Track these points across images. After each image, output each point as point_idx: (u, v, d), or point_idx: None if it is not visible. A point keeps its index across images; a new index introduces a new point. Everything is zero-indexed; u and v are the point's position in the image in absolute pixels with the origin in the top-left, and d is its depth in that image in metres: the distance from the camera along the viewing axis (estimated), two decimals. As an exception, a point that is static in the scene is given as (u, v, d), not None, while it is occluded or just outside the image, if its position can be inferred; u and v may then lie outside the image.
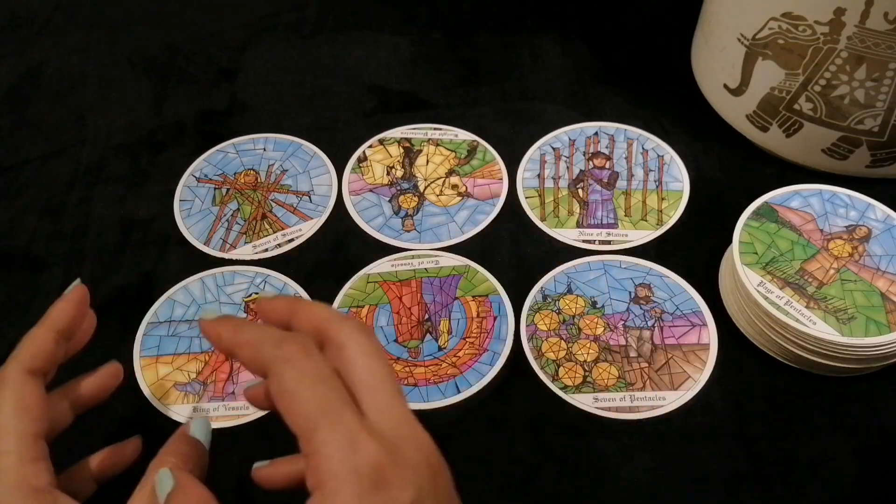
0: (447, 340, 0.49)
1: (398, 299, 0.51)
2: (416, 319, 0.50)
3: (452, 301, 0.50)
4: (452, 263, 0.52)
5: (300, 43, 0.72)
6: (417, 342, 0.49)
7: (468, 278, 0.51)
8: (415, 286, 0.51)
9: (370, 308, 0.50)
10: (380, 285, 0.51)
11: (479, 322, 0.49)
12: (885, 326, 0.44)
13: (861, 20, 0.47)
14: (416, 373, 0.48)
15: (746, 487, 0.43)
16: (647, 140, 0.61)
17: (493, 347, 0.48)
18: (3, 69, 0.71)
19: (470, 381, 0.47)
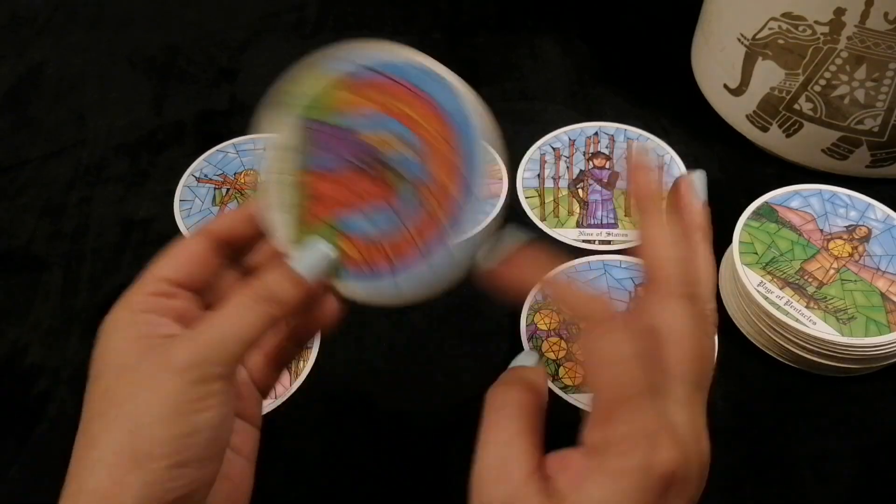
0: (404, 143, 0.34)
1: (337, 208, 0.34)
2: (368, 179, 0.34)
3: (340, 130, 0.34)
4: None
5: (300, 43, 0.72)
6: (401, 180, 0.33)
7: (308, 107, 0.35)
8: (326, 180, 0.34)
9: (345, 243, 0.34)
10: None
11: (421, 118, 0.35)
12: (885, 326, 0.44)
13: (861, 20, 0.47)
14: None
15: (746, 487, 0.43)
16: (647, 140, 0.61)
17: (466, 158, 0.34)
18: (3, 69, 0.71)
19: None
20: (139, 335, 0.31)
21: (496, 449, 0.29)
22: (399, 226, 0.33)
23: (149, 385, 0.29)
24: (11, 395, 0.49)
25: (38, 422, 0.47)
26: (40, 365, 0.50)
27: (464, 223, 0.32)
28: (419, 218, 0.33)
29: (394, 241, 0.33)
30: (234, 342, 0.30)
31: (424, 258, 0.33)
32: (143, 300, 0.32)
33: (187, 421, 0.29)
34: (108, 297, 0.53)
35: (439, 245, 0.32)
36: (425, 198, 0.33)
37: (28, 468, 0.45)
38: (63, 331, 0.51)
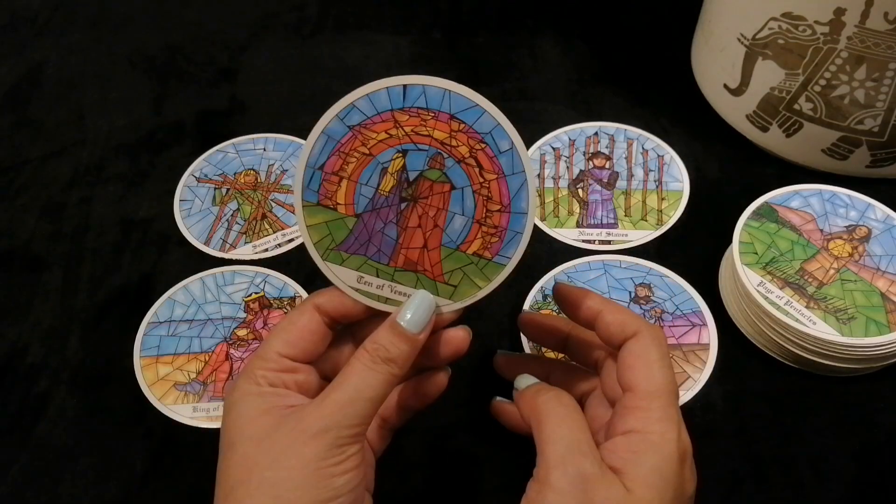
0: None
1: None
2: (399, 200, 0.36)
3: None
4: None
5: (300, 43, 0.72)
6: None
7: None
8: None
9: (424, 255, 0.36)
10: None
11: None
12: (885, 326, 0.44)
13: (861, 20, 0.47)
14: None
15: (746, 487, 0.43)
16: (647, 140, 0.61)
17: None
18: (3, 69, 0.71)
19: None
20: (269, 406, 0.33)
21: (570, 433, 0.32)
22: (474, 191, 0.36)
23: (287, 452, 0.31)
24: (11, 395, 0.49)
25: (38, 422, 0.47)
26: (40, 365, 0.50)
27: (513, 168, 0.35)
28: (476, 176, 0.36)
29: (483, 206, 0.36)
30: (362, 403, 0.32)
31: (510, 205, 0.36)
32: (266, 374, 0.34)
33: (327, 484, 0.31)
34: (108, 297, 0.53)
35: (511, 194, 0.36)
36: (459, 162, 0.35)
37: (28, 468, 0.45)
38: (63, 331, 0.51)
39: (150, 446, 0.46)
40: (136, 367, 0.49)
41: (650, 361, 0.34)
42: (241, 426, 0.33)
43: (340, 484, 0.32)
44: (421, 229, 0.36)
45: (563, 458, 0.31)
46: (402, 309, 0.35)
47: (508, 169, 0.35)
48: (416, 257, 0.36)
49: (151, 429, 0.47)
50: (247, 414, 0.33)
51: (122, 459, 0.45)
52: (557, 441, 0.32)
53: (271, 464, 0.31)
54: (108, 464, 0.45)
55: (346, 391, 0.33)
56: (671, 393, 0.34)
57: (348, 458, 0.32)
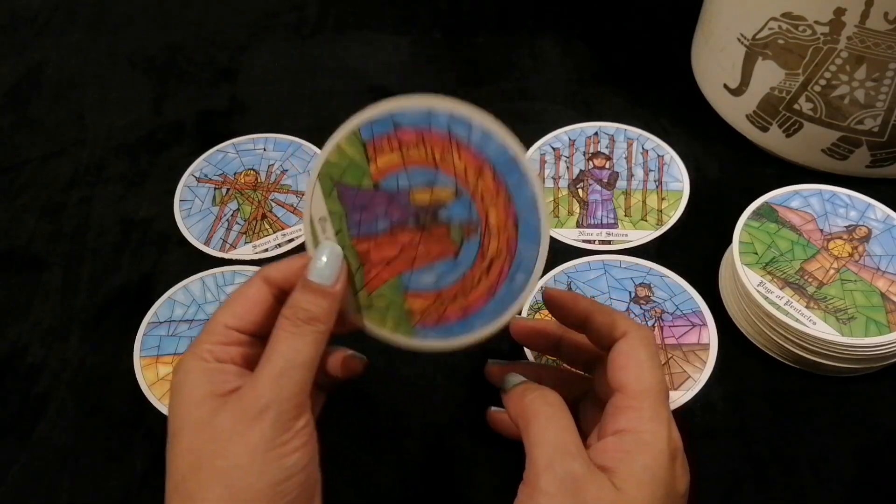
0: (441, 188, 0.35)
1: (391, 265, 0.36)
2: (417, 232, 0.35)
3: (376, 192, 0.35)
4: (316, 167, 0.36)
5: (300, 43, 0.72)
6: (451, 226, 0.35)
7: (334, 171, 0.35)
8: (370, 241, 0.36)
9: (410, 300, 0.36)
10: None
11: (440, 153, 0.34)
12: (885, 326, 0.44)
13: (861, 20, 0.47)
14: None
15: (746, 487, 0.43)
16: (647, 140, 0.61)
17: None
18: (3, 69, 0.71)
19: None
20: (211, 387, 0.32)
21: (557, 434, 0.32)
22: (463, 273, 0.35)
23: (233, 438, 0.30)
24: (11, 395, 0.49)
25: (38, 422, 0.47)
26: (40, 365, 0.50)
27: (523, 257, 0.34)
28: (481, 262, 0.35)
29: (461, 288, 0.35)
30: (296, 371, 0.32)
31: (492, 297, 0.35)
32: (211, 348, 0.33)
33: (279, 465, 0.30)
34: (108, 297, 0.53)
35: (504, 282, 0.35)
36: (483, 241, 0.35)
37: (28, 468, 0.45)
38: (63, 331, 0.51)
39: (150, 446, 0.46)
40: (136, 367, 0.49)
41: (640, 361, 0.34)
42: (185, 411, 0.32)
43: (291, 463, 0.31)
44: (401, 249, 0.35)
45: (551, 460, 0.31)
46: (311, 264, 0.34)
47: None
48: (373, 258, 0.35)
49: (151, 429, 0.47)
50: (190, 397, 0.32)
51: (122, 459, 0.45)
52: (544, 443, 0.32)
53: (219, 451, 0.30)
54: (108, 464, 0.45)
55: (276, 363, 0.32)
56: (661, 392, 0.34)
57: (295, 434, 0.31)
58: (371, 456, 0.45)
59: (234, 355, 0.34)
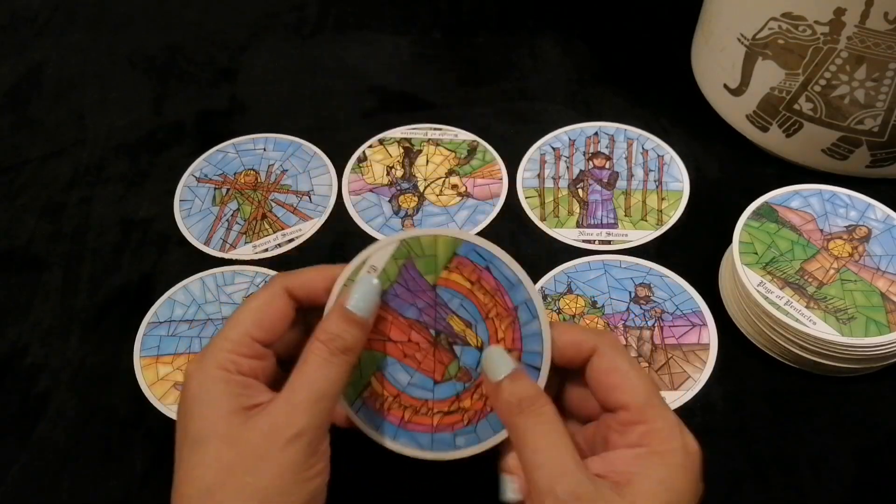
0: (476, 335, 0.37)
1: (389, 343, 0.37)
2: (428, 342, 0.37)
3: (434, 293, 0.37)
4: (387, 255, 0.37)
5: (300, 43, 0.72)
6: (456, 363, 0.37)
7: (418, 254, 0.37)
8: (387, 314, 0.37)
9: (376, 378, 0.37)
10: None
11: (480, 288, 0.37)
12: (885, 326, 0.44)
13: (861, 20, 0.47)
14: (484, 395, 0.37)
15: (746, 487, 0.43)
16: (647, 140, 0.61)
17: (517, 300, 0.37)
18: (3, 69, 0.71)
19: (535, 349, 0.37)
20: (238, 401, 0.32)
21: (555, 455, 0.31)
22: (426, 398, 0.37)
23: (266, 457, 0.31)
24: (11, 395, 0.49)
25: (38, 422, 0.47)
26: (40, 365, 0.50)
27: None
28: (466, 396, 0.37)
29: (417, 405, 0.37)
30: (328, 399, 0.33)
31: (469, 426, 0.37)
32: (236, 360, 0.34)
33: (306, 489, 0.32)
34: (108, 297, 0.53)
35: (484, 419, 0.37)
36: (465, 394, 0.37)
37: (28, 468, 0.45)
38: (63, 331, 0.51)
39: (150, 446, 0.46)
40: (136, 367, 0.49)
41: (626, 374, 0.33)
42: (212, 422, 0.32)
43: (314, 487, 0.32)
44: (405, 340, 0.37)
45: (552, 483, 0.30)
46: (350, 295, 0.34)
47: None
48: (379, 327, 0.37)
49: (151, 429, 0.47)
50: (217, 407, 0.32)
51: (122, 459, 0.45)
52: (543, 465, 0.31)
53: (251, 469, 0.31)
54: (108, 464, 0.45)
55: (312, 390, 0.32)
56: (657, 395, 0.33)
57: (320, 459, 0.32)
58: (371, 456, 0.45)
59: (256, 368, 0.34)
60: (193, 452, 0.32)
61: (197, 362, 0.34)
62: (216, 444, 0.31)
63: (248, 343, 0.34)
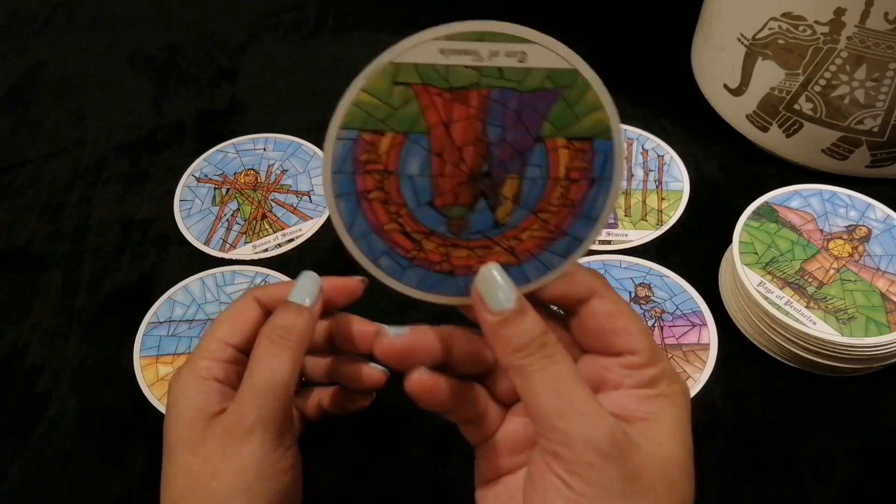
0: (509, 212, 0.30)
1: (443, 127, 0.29)
2: (469, 170, 0.30)
3: (533, 143, 0.30)
4: (549, 63, 0.30)
5: (300, 43, 0.72)
6: (464, 209, 0.30)
7: (568, 100, 0.30)
8: (476, 104, 0.29)
9: (394, 138, 0.30)
10: (415, 93, 0.30)
11: (567, 187, 0.30)
12: (885, 326, 0.44)
13: (861, 20, 0.47)
14: (453, 255, 0.31)
15: (746, 487, 0.43)
16: (647, 140, 0.61)
17: (575, 231, 0.31)
18: (3, 69, 0.71)
19: (528, 275, 0.31)
20: (204, 408, 0.33)
21: (575, 393, 0.28)
22: (427, 226, 0.30)
23: (226, 460, 0.31)
24: (11, 395, 0.49)
25: (38, 422, 0.47)
26: (40, 365, 0.50)
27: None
28: (433, 241, 0.31)
29: (412, 227, 0.31)
30: (276, 389, 0.32)
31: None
32: (209, 366, 0.34)
33: (271, 488, 0.32)
34: (108, 297, 0.53)
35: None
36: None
37: (28, 468, 0.45)
38: (63, 331, 0.51)
39: (150, 446, 0.46)
40: (136, 367, 0.49)
41: (630, 318, 0.31)
42: (178, 430, 0.33)
43: (282, 486, 0.32)
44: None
45: (583, 429, 0.28)
46: (292, 290, 0.35)
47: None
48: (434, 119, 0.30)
49: (151, 429, 0.47)
50: (184, 414, 0.33)
51: (122, 459, 0.45)
52: (572, 410, 0.28)
53: (214, 473, 0.31)
54: (108, 464, 0.45)
55: (256, 383, 0.33)
56: (660, 349, 0.31)
57: (283, 455, 0.32)
58: (371, 456, 0.45)
59: (230, 373, 0.35)
60: (168, 461, 0.33)
61: (177, 372, 0.35)
62: (183, 453, 0.32)
63: (223, 348, 0.35)
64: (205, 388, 0.34)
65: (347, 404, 0.40)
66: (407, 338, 0.30)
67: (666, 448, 0.29)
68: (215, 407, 0.33)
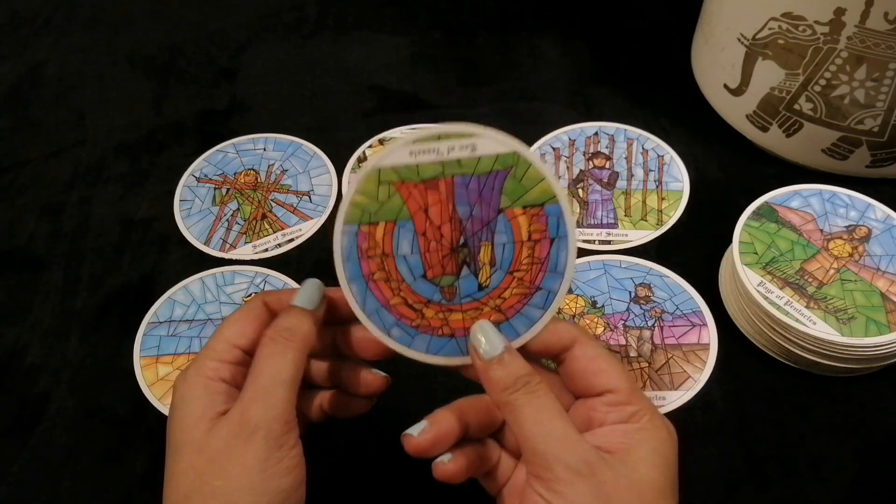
0: (489, 275, 0.36)
1: (423, 212, 0.36)
2: (449, 244, 0.36)
3: (495, 215, 0.36)
4: (495, 150, 0.35)
5: (300, 43, 0.72)
6: (452, 278, 0.36)
7: (516, 176, 0.36)
8: (444, 191, 0.36)
9: (386, 226, 0.36)
10: (396, 188, 0.36)
11: (532, 247, 0.36)
12: (885, 326, 0.44)
13: (861, 20, 0.47)
14: (451, 320, 0.36)
15: (746, 487, 0.43)
16: (647, 140, 0.61)
17: (546, 285, 0.36)
18: (3, 69, 0.71)
19: (517, 329, 0.36)
20: (210, 408, 0.33)
21: (557, 427, 0.32)
22: (424, 297, 0.36)
23: (231, 460, 0.32)
24: (11, 395, 0.49)
25: (38, 422, 0.47)
26: (40, 365, 0.50)
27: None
28: (433, 308, 0.36)
29: (411, 298, 0.36)
30: (279, 389, 0.33)
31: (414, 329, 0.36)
32: (216, 367, 0.35)
33: (275, 487, 0.32)
34: (108, 297, 0.53)
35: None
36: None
37: (28, 468, 0.45)
38: (63, 331, 0.51)
39: (150, 446, 0.46)
40: (136, 367, 0.49)
41: (609, 361, 0.35)
42: (183, 430, 0.33)
43: (287, 485, 0.32)
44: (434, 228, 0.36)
45: (559, 451, 0.32)
46: (296, 295, 0.36)
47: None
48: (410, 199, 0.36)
49: (151, 429, 0.47)
50: (189, 414, 0.33)
51: (122, 459, 0.45)
52: (547, 437, 0.32)
53: (219, 472, 0.32)
54: (108, 464, 0.45)
55: (260, 382, 0.33)
56: (635, 381, 0.36)
57: (287, 454, 0.33)
58: (371, 456, 0.45)
59: (236, 375, 0.35)
60: (172, 460, 0.33)
61: (183, 372, 0.35)
62: (189, 452, 0.33)
63: (229, 350, 0.35)
64: (211, 388, 0.34)
65: (348, 408, 0.40)
66: (432, 433, 0.35)
67: (641, 473, 0.32)
68: (221, 407, 0.33)
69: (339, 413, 0.40)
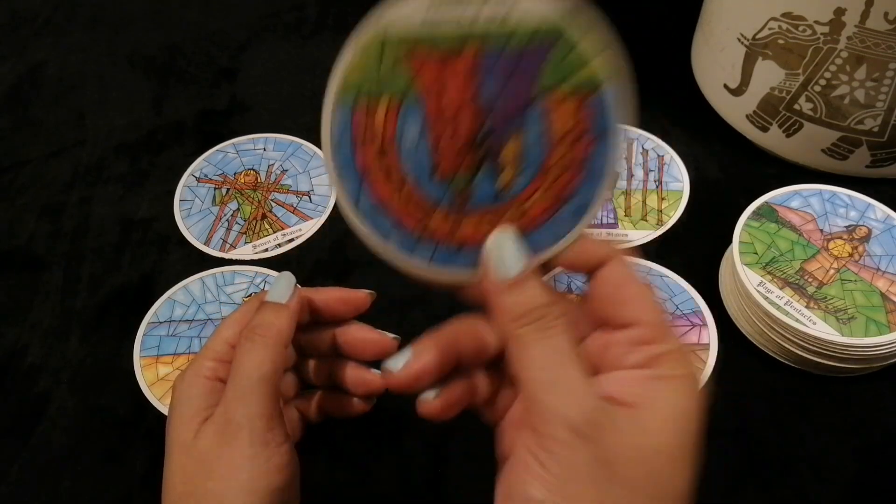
0: (513, 178, 0.29)
1: (436, 93, 0.29)
2: (466, 136, 0.29)
3: (529, 101, 0.29)
4: (536, 17, 0.29)
5: (300, 43, 0.72)
6: (467, 178, 0.29)
7: (559, 55, 0.29)
8: (466, 68, 0.28)
9: (389, 106, 0.29)
10: (404, 59, 0.29)
11: (568, 147, 0.29)
12: (885, 326, 0.44)
13: (861, 20, 0.47)
14: (461, 228, 0.30)
15: (746, 487, 0.43)
16: (647, 140, 0.61)
17: (580, 192, 0.29)
18: (3, 69, 0.71)
19: (539, 245, 0.30)
20: (201, 409, 0.33)
21: (562, 368, 0.27)
22: (431, 197, 0.30)
23: (219, 460, 0.32)
24: (11, 395, 0.49)
25: (38, 422, 0.47)
26: (40, 365, 0.50)
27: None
28: (440, 214, 0.30)
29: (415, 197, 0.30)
30: (258, 384, 0.32)
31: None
32: (215, 367, 0.35)
33: (265, 486, 0.31)
34: (108, 297, 0.53)
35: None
36: (457, 214, 0.30)
37: (28, 468, 0.45)
38: (63, 331, 0.51)
39: (150, 446, 0.46)
40: (136, 367, 0.49)
41: (640, 288, 0.29)
42: (175, 431, 0.33)
43: (280, 482, 0.32)
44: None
45: (559, 402, 0.27)
46: (269, 291, 0.36)
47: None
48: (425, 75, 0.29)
49: (151, 429, 0.47)
50: (181, 415, 0.33)
51: (122, 459, 0.45)
52: (554, 385, 0.27)
53: (209, 474, 0.31)
54: (108, 464, 0.45)
55: (240, 380, 0.33)
56: (668, 317, 0.30)
57: (275, 451, 0.32)
58: (371, 456, 0.45)
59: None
60: (168, 461, 0.33)
61: (182, 372, 0.35)
62: (179, 454, 0.33)
63: (227, 350, 0.35)
64: (208, 388, 0.34)
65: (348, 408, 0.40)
66: (413, 367, 0.30)
67: (652, 437, 0.27)
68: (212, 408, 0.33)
69: (339, 413, 0.40)
